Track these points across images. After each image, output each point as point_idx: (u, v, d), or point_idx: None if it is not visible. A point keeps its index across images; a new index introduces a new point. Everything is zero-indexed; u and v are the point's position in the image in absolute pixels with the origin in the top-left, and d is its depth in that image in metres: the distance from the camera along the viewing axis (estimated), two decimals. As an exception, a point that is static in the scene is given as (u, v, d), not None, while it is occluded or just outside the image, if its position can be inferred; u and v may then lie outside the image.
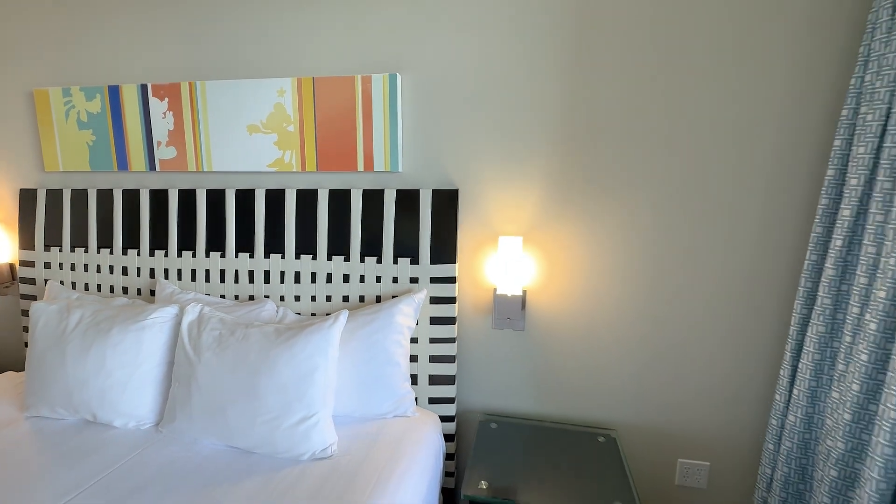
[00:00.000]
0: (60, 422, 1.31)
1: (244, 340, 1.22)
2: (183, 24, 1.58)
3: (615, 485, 1.23)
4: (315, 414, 1.15)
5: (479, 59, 1.41)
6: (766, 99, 1.26)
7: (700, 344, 1.41)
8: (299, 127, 1.51)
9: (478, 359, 1.57)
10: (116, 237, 1.69)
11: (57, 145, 1.72)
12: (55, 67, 1.71)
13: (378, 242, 1.49)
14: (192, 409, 1.21)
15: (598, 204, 1.41)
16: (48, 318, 1.35)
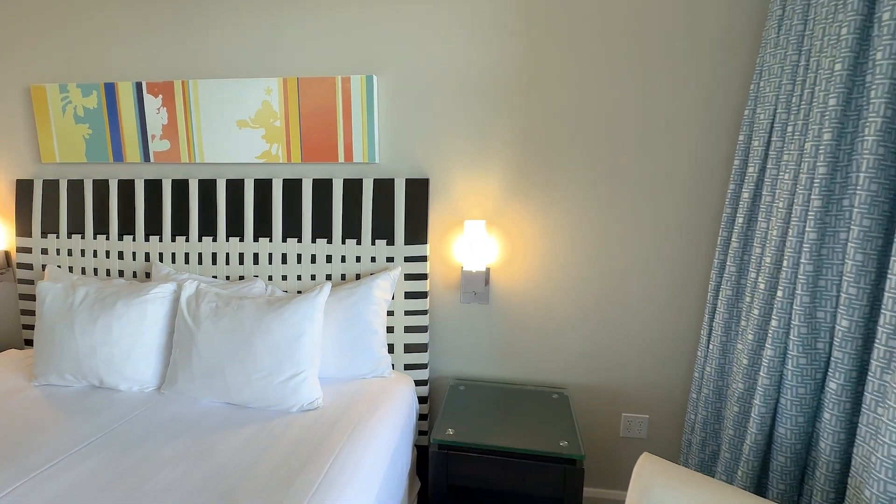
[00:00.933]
0: (68, 388, 1.45)
1: (239, 310, 1.38)
2: (176, 26, 1.72)
3: (563, 430, 1.44)
4: (303, 371, 1.33)
5: (448, 62, 1.60)
6: (686, 104, 1.49)
7: (638, 313, 1.64)
8: (285, 122, 1.67)
9: (448, 329, 1.76)
10: (112, 224, 1.82)
11: (54, 138, 1.84)
12: (52, 65, 1.82)
13: (357, 226, 1.67)
14: (192, 371, 1.36)
15: (550, 193, 1.62)
16: (55, 295, 1.49)
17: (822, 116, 1.04)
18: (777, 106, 1.25)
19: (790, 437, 1.12)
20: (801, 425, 1.11)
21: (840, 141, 1.02)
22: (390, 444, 1.25)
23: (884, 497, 0.88)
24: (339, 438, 1.17)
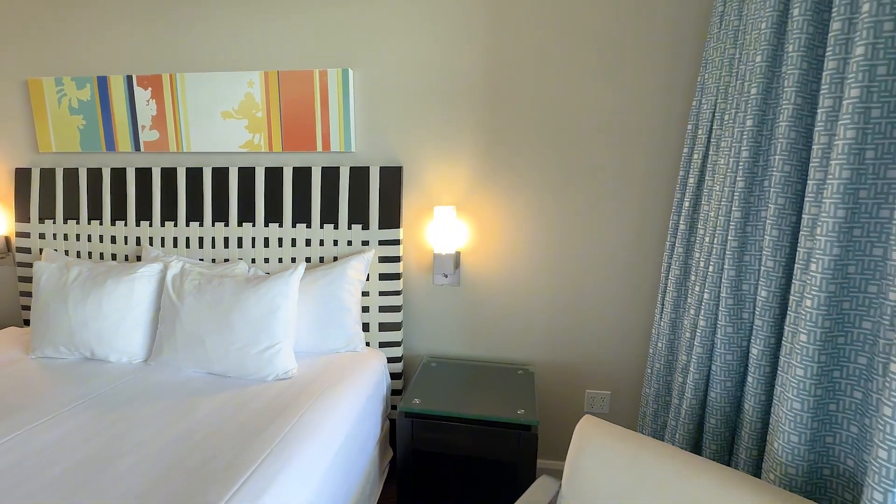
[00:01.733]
0: (62, 360, 1.56)
1: (220, 287, 1.49)
2: (165, 21, 1.82)
3: (523, 401, 1.53)
4: (278, 343, 1.43)
5: (419, 58, 1.69)
6: (640, 97, 1.58)
7: (598, 294, 1.73)
8: (266, 113, 1.77)
9: (421, 310, 1.86)
10: (105, 210, 1.92)
11: (50, 129, 1.94)
12: (48, 59, 1.93)
13: (334, 211, 1.77)
14: (176, 342, 1.47)
15: (514, 181, 1.71)
16: (50, 274, 1.60)
17: (746, 105, 1.13)
18: (717, 96, 1.34)
19: (720, 401, 1.21)
20: (730, 389, 1.20)
21: (762, 127, 1.12)
22: (356, 407, 1.35)
23: (787, 447, 0.98)
24: (307, 401, 1.27)
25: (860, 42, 0.84)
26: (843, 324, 0.93)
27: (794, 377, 0.96)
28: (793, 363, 0.97)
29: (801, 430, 0.97)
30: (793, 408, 0.97)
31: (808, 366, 0.94)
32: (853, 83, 0.85)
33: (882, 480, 0.76)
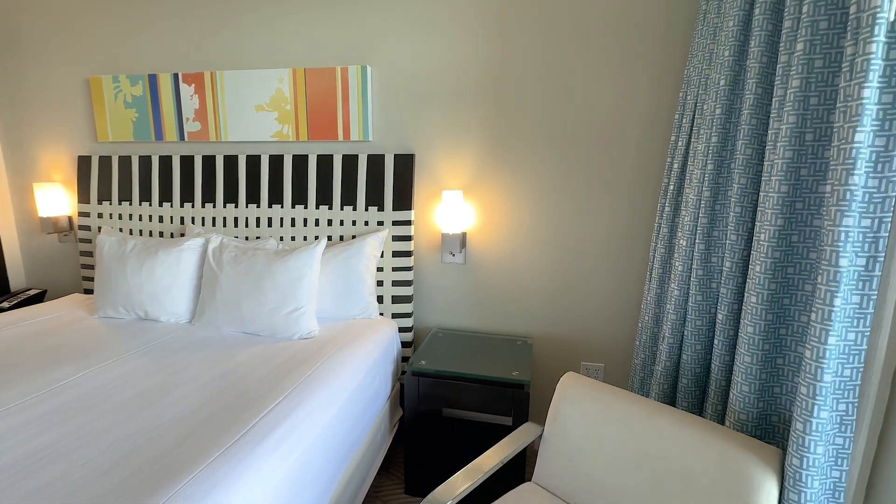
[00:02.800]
0: (121, 319, 1.81)
1: (253, 258, 1.71)
2: (206, 25, 2.05)
3: (519, 365, 1.70)
4: (303, 307, 1.64)
5: (431, 55, 1.86)
6: (633, 90, 1.71)
7: (594, 273, 1.87)
8: (294, 106, 1.98)
9: (430, 286, 2.04)
10: (154, 193, 2.18)
11: (107, 121, 2.21)
12: (106, 59, 2.19)
13: (353, 194, 1.97)
14: (216, 305, 1.70)
15: (517, 167, 1.87)
16: (111, 246, 1.85)
17: (716, 94, 1.26)
18: (699, 87, 1.46)
19: (691, 363, 1.35)
20: (699, 352, 1.34)
21: (729, 115, 1.24)
22: (368, 361, 1.55)
23: (740, 396, 1.12)
24: (326, 354, 1.47)
25: (800, 39, 0.96)
26: (788, 287, 1.06)
27: (745, 334, 1.10)
28: (745, 322, 1.11)
29: (751, 381, 1.11)
30: (744, 361, 1.11)
31: (756, 323, 1.08)
32: (794, 75, 0.98)
33: (802, 412, 0.90)
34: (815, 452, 0.89)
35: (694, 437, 1.07)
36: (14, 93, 2.36)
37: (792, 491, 0.92)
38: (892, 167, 0.83)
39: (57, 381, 1.27)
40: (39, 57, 2.28)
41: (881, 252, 0.85)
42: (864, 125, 0.81)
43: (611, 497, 1.14)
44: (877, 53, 0.79)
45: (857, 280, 0.87)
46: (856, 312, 0.88)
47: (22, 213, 2.50)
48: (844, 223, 0.84)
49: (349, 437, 1.35)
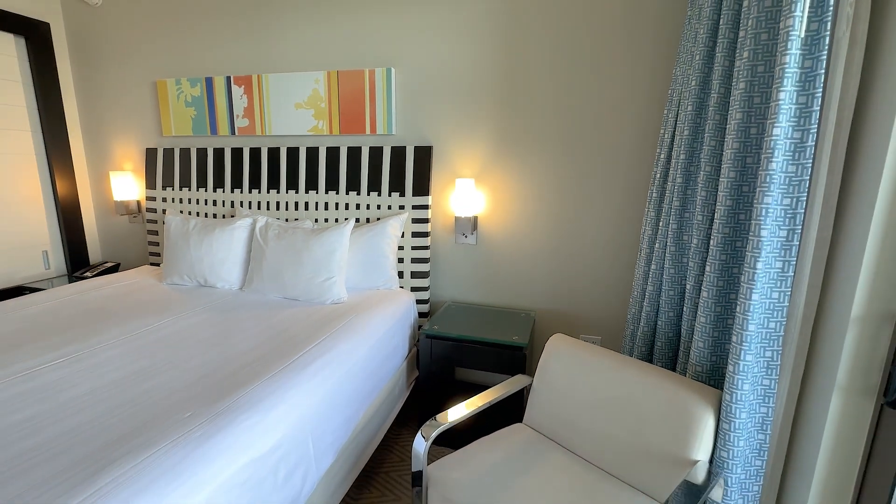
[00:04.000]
0: (185, 285, 2.16)
1: (293, 235, 2.01)
2: (253, 34, 2.35)
3: (520, 332, 1.93)
4: (334, 276, 1.93)
5: (447, 58, 2.10)
6: (629, 87, 1.89)
7: (592, 253, 2.08)
8: (328, 104, 2.26)
9: (446, 264, 2.30)
10: (209, 180, 2.52)
11: (171, 118, 2.56)
12: (170, 65, 2.54)
13: (378, 182, 2.24)
14: (262, 274, 2.02)
15: (523, 158, 2.09)
16: (177, 224, 2.20)
17: (689, 94, 1.44)
18: (682, 86, 1.63)
19: (665, 328, 1.55)
20: (672, 319, 1.54)
21: (700, 111, 1.42)
22: (388, 322, 1.83)
23: (696, 352, 1.32)
24: (353, 313, 1.76)
25: (746, 48, 1.15)
26: (736, 258, 1.25)
27: (702, 299, 1.30)
28: (702, 289, 1.31)
29: (705, 338, 1.31)
30: (700, 322, 1.31)
31: (710, 289, 1.28)
32: (741, 78, 1.16)
33: (732, 357, 1.10)
34: (742, 389, 1.10)
35: (651, 383, 1.28)
36: (94, 94, 2.76)
37: (724, 422, 1.13)
38: (805, 156, 1.01)
39: (143, 327, 1.61)
40: (115, 63, 2.66)
41: (798, 226, 1.04)
42: (781, 122, 1.00)
43: (582, 432, 1.37)
44: (790, 63, 0.98)
45: (780, 248, 1.07)
46: (779, 275, 1.07)
47: (99, 198, 2.92)
48: (765, 201, 1.03)
49: (370, 380, 1.63)
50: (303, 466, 1.19)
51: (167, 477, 0.85)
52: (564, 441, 1.41)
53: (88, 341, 1.47)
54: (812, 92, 0.99)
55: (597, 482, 1.24)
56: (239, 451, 0.98)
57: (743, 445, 1.13)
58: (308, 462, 1.21)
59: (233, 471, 0.95)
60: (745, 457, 1.14)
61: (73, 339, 1.49)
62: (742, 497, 1.17)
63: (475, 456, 1.34)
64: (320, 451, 1.27)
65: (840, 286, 1.03)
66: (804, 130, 1.01)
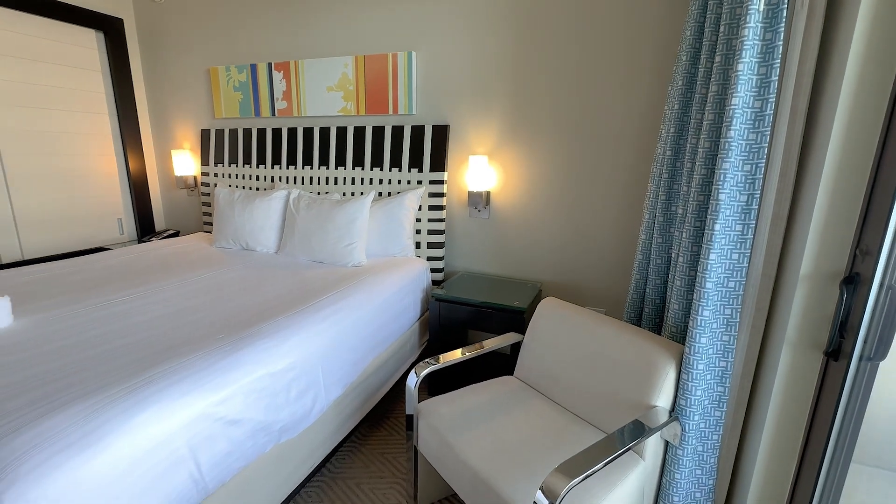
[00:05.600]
0: (230, 248, 2.47)
1: (321, 205, 2.25)
2: (291, 24, 2.59)
3: (523, 298, 2.06)
4: (355, 242, 2.15)
5: (465, 42, 2.23)
6: (637, 69, 1.94)
7: (598, 227, 2.16)
8: (356, 86, 2.46)
9: (460, 236, 2.46)
10: (253, 157, 2.82)
11: (221, 102, 2.87)
12: (220, 53, 2.84)
13: (399, 158, 2.42)
14: (294, 240, 2.28)
15: (535, 135, 2.19)
16: (224, 195, 2.51)
17: (680, 69, 1.49)
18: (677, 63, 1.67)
19: (652, 294, 1.63)
20: (659, 286, 1.62)
21: (690, 86, 1.48)
22: (401, 282, 2.03)
23: (673, 314, 1.42)
24: (368, 273, 1.97)
25: (723, 22, 1.21)
26: (710, 224, 1.32)
27: (677, 264, 1.39)
28: (677, 254, 1.39)
29: (680, 300, 1.40)
30: (675, 285, 1.40)
31: (685, 254, 1.36)
32: (718, 52, 1.22)
33: (693, 312, 1.20)
34: (699, 342, 1.19)
35: (624, 339, 1.39)
36: (158, 81, 3.13)
37: (684, 373, 1.23)
38: (765, 124, 1.08)
39: (193, 277, 1.91)
40: (175, 53, 3.01)
41: (758, 191, 1.11)
42: (739, 91, 1.07)
43: (561, 383, 1.50)
44: (748, 36, 1.04)
45: (741, 212, 1.14)
46: (738, 238, 1.15)
47: (163, 173, 3.32)
48: (723, 167, 1.11)
49: (381, 332, 1.84)
50: (313, 391, 1.41)
51: (199, 375, 1.09)
52: (546, 391, 1.55)
53: (151, 285, 1.78)
54: (771, 63, 1.05)
55: (567, 423, 1.38)
56: (257, 365, 1.21)
57: (700, 395, 1.22)
58: (318, 388, 1.44)
59: (251, 379, 1.18)
60: (704, 406, 1.24)
61: (140, 283, 1.81)
62: (702, 444, 1.27)
63: (463, 397, 1.51)
64: (330, 382, 1.50)
65: (793, 247, 1.10)
66: (763, 100, 1.07)
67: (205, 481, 1.05)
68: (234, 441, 1.12)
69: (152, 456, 0.93)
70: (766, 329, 1.20)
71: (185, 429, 1.00)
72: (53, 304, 1.54)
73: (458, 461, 1.25)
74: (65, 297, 1.62)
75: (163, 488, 0.95)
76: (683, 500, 1.30)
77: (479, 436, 1.30)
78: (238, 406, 1.13)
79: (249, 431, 1.17)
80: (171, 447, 0.97)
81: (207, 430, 1.05)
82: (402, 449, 1.84)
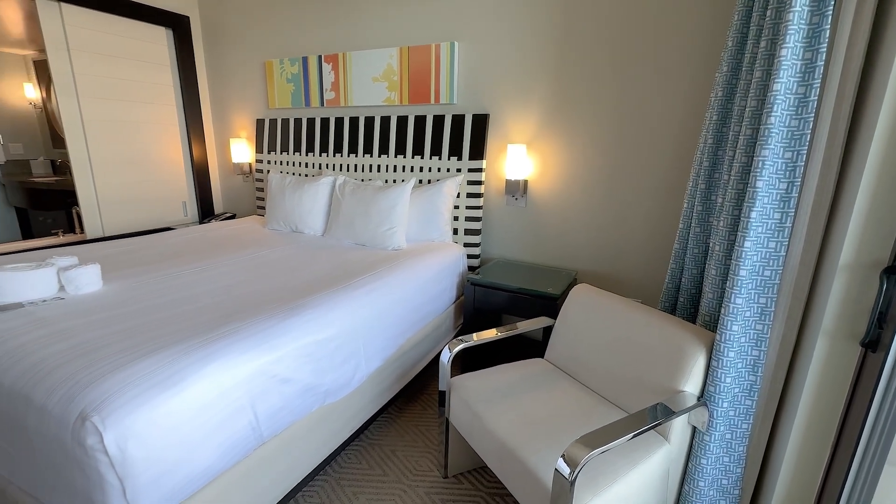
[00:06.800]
0: (281, 230, 2.66)
1: (364, 191, 2.37)
2: (340, 17, 2.71)
3: (557, 285, 2.10)
4: (395, 227, 2.26)
5: (506, 32, 2.25)
6: (680, 51, 1.90)
7: (635, 216, 2.14)
8: (399, 77, 2.55)
9: (497, 224, 2.51)
10: (302, 145, 2.99)
11: (275, 93, 3.06)
12: (275, 47, 3.02)
13: (439, 147, 2.50)
14: (339, 223, 2.42)
15: (574, 124, 2.20)
16: (276, 181, 2.70)
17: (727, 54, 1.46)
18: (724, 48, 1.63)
19: (688, 284, 1.62)
20: (695, 276, 1.61)
21: (736, 71, 1.44)
22: (438, 265, 2.13)
23: (707, 302, 1.42)
24: (407, 257, 2.08)
25: (770, 6, 1.18)
26: (749, 213, 1.30)
27: (713, 253, 1.39)
28: (714, 243, 1.38)
29: (714, 289, 1.39)
30: (711, 274, 1.40)
31: (721, 243, 1.35)
32: (764, 37, 1.20)
33: (725, 300, 1.20)
34: (731, 330, 1.20)
35: (655, 325, 1.41)
36: (219, 74, 3.37)
37: (714, 360, 1.24)
38: (808, 110, 1.06)
39: (248, 255, 2.09)
40: (234, 48, 3.22)
41: (798, 178, 1.10)
42: (782, 77, 1.06)
43: (590, 366, 1.54)
44: (793, 21, 1.03)
45: (780, 200, 1.13)
46: (776, 226, 1.14)
47: (222, 160, 3.58)
48: (762, 153, 1.10)
49: (418, 312, 1.95)
50: (354, 360, 1.53)
51: (257, 336, 1.23)
52: (575, 373, 1.60)
53: (212, 260, 1.97)
54: (817, 47, 1.03)
55: (594, 404, 1.42)
56: (305, 332, 1.34)
57: (730, 382, 1.23)
58: (359, 358, 1.56)
59: (300, 344, 1.31)
60: (734, 394, 1.24)
61: (203, 258, 2.00)
62: (730, 432, 1.27)
63: (493, 374, 1.58)
64: (370, 354, 1.62)
65: (834, 236, 1.08)
66: (808, 85, 1.06)
67: (261, 430, 1.19)
68: (286, 397, 1.26)
69: (219, 402, 1.07)
70: (803, 319, 1.18)
71: (246, 382, 1.14)
72: (133, 273, 1.75)
73: (486, 431, 1.32)
74: (142, 267, 1.83)
75: (226, 431, 1.09)
76: (709, 486, 1.31)
77: (507, 409, 1.37)
78: (289, 366, 1.27)
79: (299, 390, 1.30)
80: (234, 396, 1.11)
81: (263, 384, 1.19)
82: (434, 423, 1.94)
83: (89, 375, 0.98)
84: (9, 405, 1.00)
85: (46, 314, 1.32)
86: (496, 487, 1.61)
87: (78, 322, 1.27)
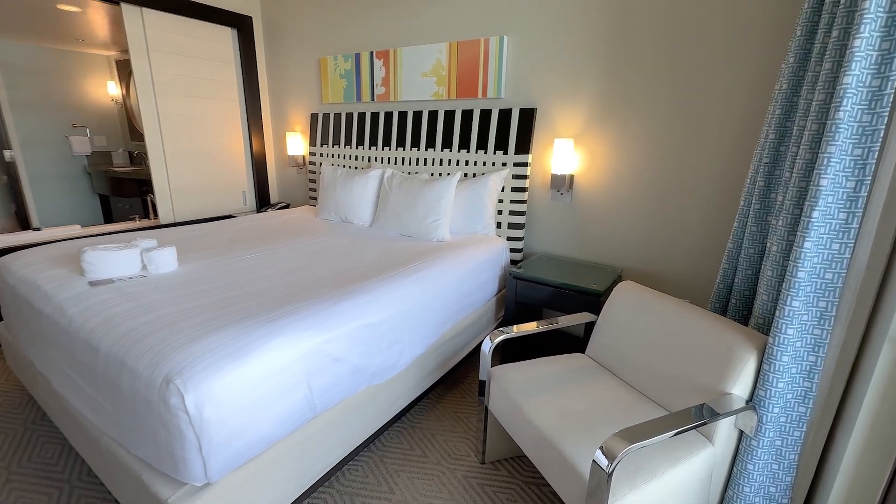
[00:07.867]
0: (332, 220, 2.79)
1: (411, 184, 2.44)
2: (391, 14, 2.78)
3: (601, 282, 2.07)
4: (440, 219, 2.32)
5: (556, 25, 2.23)
6: (742, 48, 1.80)
7: (687, 216, 2.07)
8: (448, 72, 2.59)
9: (542, 218, 2.51)
10: (353, 139, 3.11)
11: (329, 88, 3.19)
12: (330, 44, 3.14)
13: (486, 141, 2.52)
14: (386, 215, 2.51)
15: (625, 118, 2.15)
16: (328, 173, 2.83)
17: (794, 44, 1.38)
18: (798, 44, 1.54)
19: (741, 285, 1.57)
20: (749, 277, 1.55)
21: (804, 63, 1.37)
22: (480, 257, 2.16)
23: (761, 305, 1.37)
24: (452, 249, 2.13)
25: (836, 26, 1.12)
26: (811, 212, 1.24)
27: (770, 253, 1.33)
28: (771, 242, 1.33)
29: (770, 291, 1.34)
30: (767, 275, 1.35)
31: (779, 242, 1.30)
32: (836, 26, 1.14)
33: (781, 302, 1.16)
34: (785, 333, 1.15)
35: (703, 325, 1.38)
36: (277, 71, 3.55)
37: (766, 363, 1.20)
38: (882, 104, 1.00)
39: (302, 242, 2.22)
40: (292, 45, 3.38)
41: (868, 177, 1.04)
42: (853, 69, 1.00)
43: (632, 363, 1.53)
44: (870, 8, 0.97)
45: (846, 200, 1.08)
46: (842, 227, 1.09)
47: (278, 153, 3.78)
48: (828, 150, 1.05)
49: (460, 302, 2.00)
50: (399, 345, 1.61)
51: (314, 317, 1.32)
52: (617, 370, 1.59)
53: (270, 247, 2.12)
54: (895, 37, 0.97)
55: (635, 401, 1.42)
56: (356, 316, 1.43)
57: (783, 388, 1.19)
58: (403, 344, 1.63)
59: (352, 326, 1.40)
60: (786, 399, 1.20)
61: (262, 245, 2.15)
62: (781, 439, 1.23)
63: (534, 367, 1.61)
64: (414, 340, 1.69)
65: (908, 239, 1.01)
66: (884, 78, 1.00)
67: (314, 403, 1.29)
68: (337, 375, 1.35)
69: (279, 374, 1.18)
70: (868, 325, 1.12)
71: (303, 358, 1.24)
72: (202, 256, 1.91)
73: (525, 420, 1.36)
74: (210, 251, 2.00)
75: (286, 401, 1.20)
76: (755, 493, 1.28)
77: (547, 400, 1.39)
78: (341, 347, 1.36)
79: (349, 370, 1.39)
80: (292, 370, 1.21)
81: (318, 362, 1.28)
82: (472, 410, 1.99)
83: (171, 345, 1.11)
84: (107, 367, 1.15)
85: (133, 289, 1.48)
86: (532, 476, 1.64)
87: (158, 297, 1.42)
